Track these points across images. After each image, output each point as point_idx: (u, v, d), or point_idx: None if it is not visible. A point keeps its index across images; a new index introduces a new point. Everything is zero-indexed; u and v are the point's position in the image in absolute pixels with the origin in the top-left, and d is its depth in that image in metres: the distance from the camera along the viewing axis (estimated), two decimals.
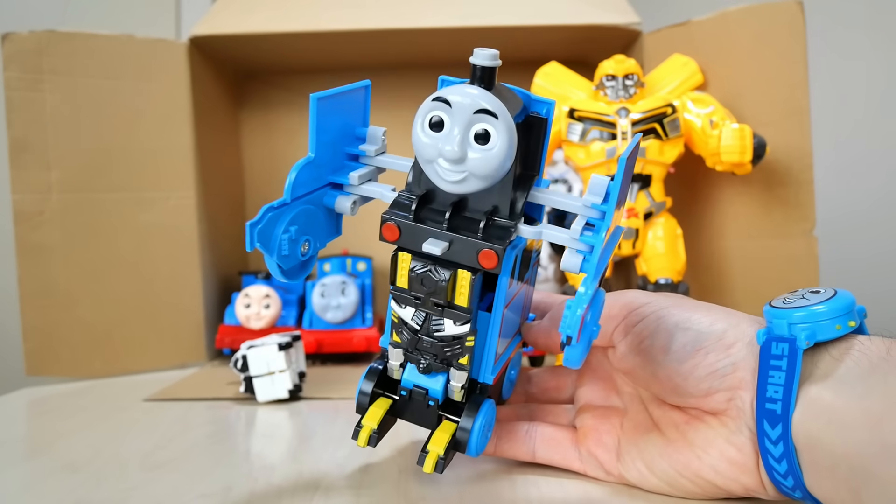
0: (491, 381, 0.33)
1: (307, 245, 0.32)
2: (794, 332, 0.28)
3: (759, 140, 0.57)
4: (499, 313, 0.32)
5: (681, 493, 0.31)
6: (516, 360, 0.39)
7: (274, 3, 0.73)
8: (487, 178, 0.30)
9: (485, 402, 0.33)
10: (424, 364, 0.33)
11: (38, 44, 0.64)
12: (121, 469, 0.38)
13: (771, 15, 0.61)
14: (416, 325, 0.32)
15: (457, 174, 0.30)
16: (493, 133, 0.29)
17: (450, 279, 0.30)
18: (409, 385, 0.34)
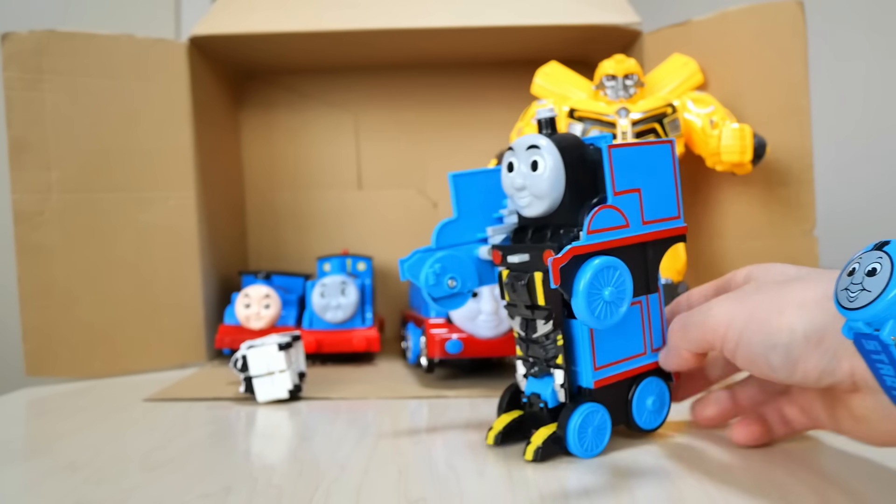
0: (591, 384, 0.37)
1: (454, 281, 0.40)
2: (875, 327, 0.27)
3: (760, 140, 0.57)
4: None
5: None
6: (656, 389, 0.40)
7: (274, 3, 0.73)
8: (544, 196, 0.37)
9: (584, 404, 0.37)
10: (535, 369, 0.39)
11: (38, 44, 0.64)
12: (121, 469, 0.38)
13: (771, 15, 0.61)
14: (521, 331, 0.39)
15: (524, 198, 0.38)
16: (541, 160, 0.37)
17: (527, 282, 0.37)
18: (529, 393, 0.40)
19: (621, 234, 0.37)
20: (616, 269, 0.36)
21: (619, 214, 0.37)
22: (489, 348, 0.55)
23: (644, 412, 0.40)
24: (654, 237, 0.38)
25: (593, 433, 0.37)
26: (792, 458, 0.37)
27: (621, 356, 0.38)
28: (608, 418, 0.38)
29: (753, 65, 0.62)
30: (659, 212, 0.38)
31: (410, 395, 0.55)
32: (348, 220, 0.89)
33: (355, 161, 0.90)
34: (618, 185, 0.37)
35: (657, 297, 0.40)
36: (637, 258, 0.38)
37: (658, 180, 0.38)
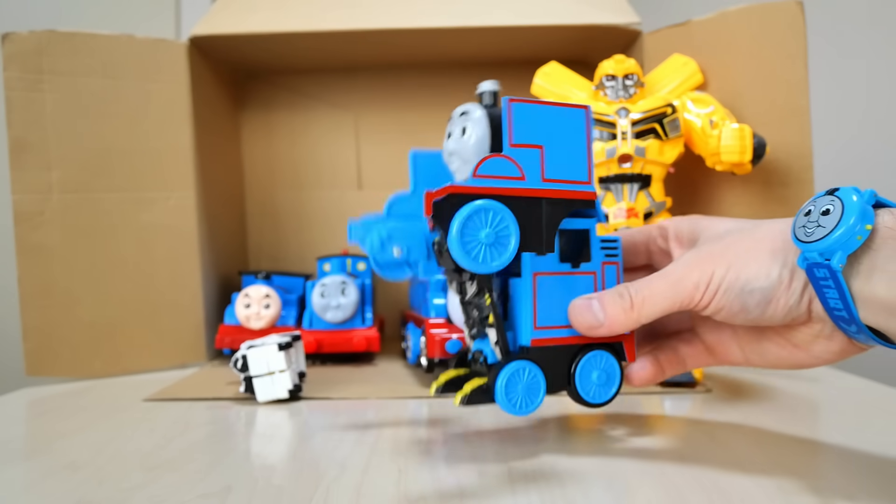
0: (528, 342, 0.38)
1: (399, 250, 0.39)
2: (826, 257, 0.31)
3: (759, 140, 0.57)
4: (527, 280, 0.38)
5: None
6: (605, 363, 0.40)
7: (274, 3, 0.73)
8: (470, 160, 0.38)
9: (516, 361, 0.37)
10: (474, 330, 0.39)
11: (39, 44, 0.64)
12: (121, 469, 0.38)
13: (771, 15, 0.61)
14: (457, 294, 0.39)
15: (454, 163, 0.40)
16: (469, 126, 0.39)
17: (440, 244, 0.37)
18: (473, 350, 0.40)
19: (513, 185, 0.37)
20: (493, 212, 0.36)
21: (514, 166, 0.37)
22: None
23: (590, 385, 0.39)
24: (552, 195, 0.38)
25: (524, 390, 0.37)
26: (792, 459, 0.37)
27: (566, 322, 0.39)
28: (542, 379, 0.38)
29: (753, 65, 0.62)
30: (563, 173, 0.38)
31: (410, 395, 0.55)
32: (348, 219, 0.89)
33: (355, 161, 0.90)
34: (516, 137, 0.37)
35: (615, 270, 0.40)
36: (533, 213, 0.38)
37: (566, 142, 0.38)
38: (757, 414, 0.47)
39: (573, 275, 0.39)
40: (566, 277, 0.39)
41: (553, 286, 0.38)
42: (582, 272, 0.39)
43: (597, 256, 0.40)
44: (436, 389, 0.40)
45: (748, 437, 0.41)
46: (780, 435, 0.42)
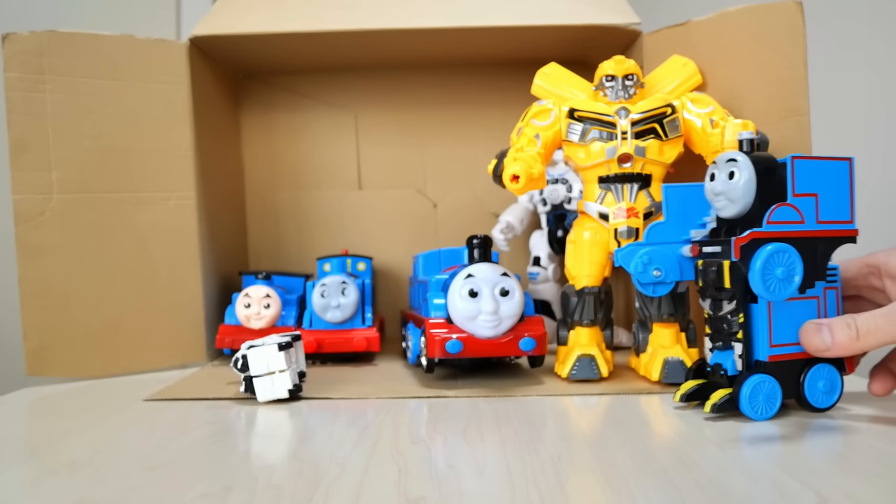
0: (766, 357, 0.44)
1: (658, 271, 0.49)
2: None
3: (762, 137, 0.57)
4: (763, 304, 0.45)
5: None
6: (828, 375, 0.46)
7: (274, 4, 0.73)
8: (737, 200, 0.45)
9: (756, 374, 0.44)
10: (719, 343, 0.47)
11: (39, 44, 0.64)
12: (121, 469, 0.38)
13: (770, 15, 0.61)
14: (710, 311, 0.47)
15: (721, 202, 0.46)
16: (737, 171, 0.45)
17: (717, 268, 0.45)
18: (713, 363, 0.48)
19: (796, 228, 0.45)
20: (787, 253, 0.43)
21: (796, 212, 0.45)
22: (489, 348, 0.55)
23: (816, 393, 0.46)
24: (825, 234, 0.46)
25: (764, 399, 0.44)
26: (792, 458, 0.37)
27: (796, 340, 0.45)
28: (779, 390, 0.45)
29: (753, 65, 0.62)
30: (833, 215, 0.46)
31: (410, 395, 0.55)
32: (348, 220, 0.89)
33: (355, 161, 0.90)
34: (797, 188, 0.45)
35: (835, 294, 0.47)
36: (810, 251, 0.45)
37: (835, 189, 0.46)
38: None
39: (801, 299, 0.45)
40: (795, 302, 0.45)
41: (785, 309, 0.45)
42: (808, 297, 0.46)
43: (820, 283, 0.46)
44: (680, 397, 0.47)
45: (748, 438, 0.41)
46: (780, 435, 0.42)
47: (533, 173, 0.54)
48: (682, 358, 0.55)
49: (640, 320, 0.61)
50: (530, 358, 0.58)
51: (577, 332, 0.60)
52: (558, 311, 0.74)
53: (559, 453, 0.39)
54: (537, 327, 0.56)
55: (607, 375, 0.58)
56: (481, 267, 0.56)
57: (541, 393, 0.54)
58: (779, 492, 0.32)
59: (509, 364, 0.66)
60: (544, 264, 0.76)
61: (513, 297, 0.55)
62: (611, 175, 0.59)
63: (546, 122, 0.60)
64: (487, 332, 0.55)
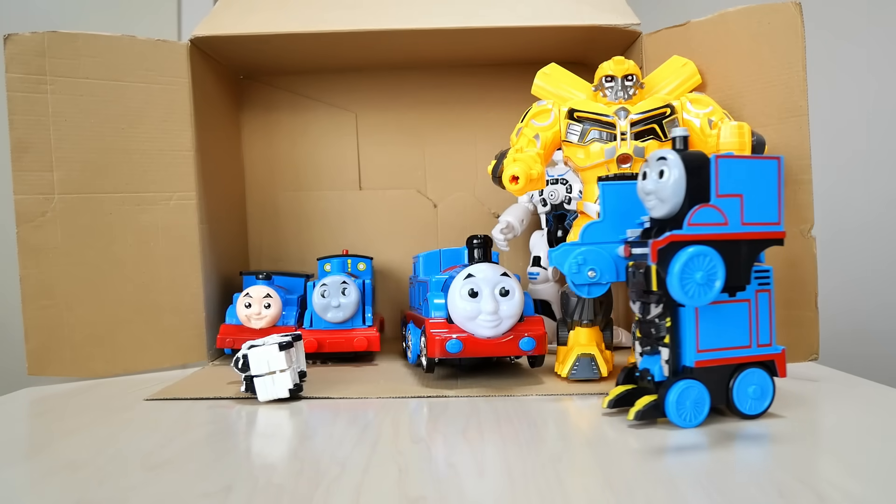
0: (692, 363, 0.43)
1: (593, 272, 0.47)
2: None
3: (758, 138, 0.57)
4: (690, 308, 0.43)
5: None
6: (759, 380, 0.45)
7: (274, 4, 0.73)
8: (667, 200, 0.43)
9: (683, 380, 0.43)
10: (647, 347, 0.45)
11: (40, 45, 0.65)
12: (122, 468, 0.38)
13: (769, 16, 0.61)
14: (639, 313, 0.46)
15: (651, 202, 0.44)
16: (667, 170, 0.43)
17: (645, 270, 0.44)
18: (641, 368, 0.46)
19: (719, 230, 0.43)
20: (707, 257, 0.41)
21: (719, 213, 0.43)
22: (489, 348, 0.56)
23: (746, 398, 0.45)
24: (750, 237, 0.44)
25: (692, 406, 0.43)
26: (789, 456, 0.37)
27: (724, 345, 0.44)
28: (707, 395, 0.43)
29: (752, 66, 0.62)
30: (759, 216, 0.44)
31: (410, 394, 0.55)
32: (349, 220, 0.89)
33: (356, 161, 0.90)
34: (721, 188, 0.43)
35: (768, 297, 0.45)
36: (733, 254, 0.43)
37: (761, 189, 0.44)
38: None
39: (730, 303, 0.44)
40: (724, 305, 0.44)
41: (713, 313, 0.44)
42: (738, 300, 0.44)
43: (751, 285, 0.44)
44: (608, 403, 0.46)
45: (748, 437, 0.41)
46: (780, 435, 0.42)
47: (532, 174, 0.54)
48: None
49: None
50: (530, 358, 0.58)
51: (577, 332, 0.60)
52: (558, 311, 0.74)
53: (559, 453, 0.39)
54: (537, 327, 0.56)
55: (607, 375, 0.58)
56: (481, 267, 0.56)
57: (541, 393, 0.54)
58: (779, 491, 0.32)
59: (509, 364, 0.66)
60: (544, 264, 0.76)
61: (513, 297, 0.55)
62: (610, 175, 0.59)
63: (546, 123, 0.60)
64: (487, 332, 0.55)
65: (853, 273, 1.13)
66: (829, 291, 0.71)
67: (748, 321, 0.45)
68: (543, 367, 0.61)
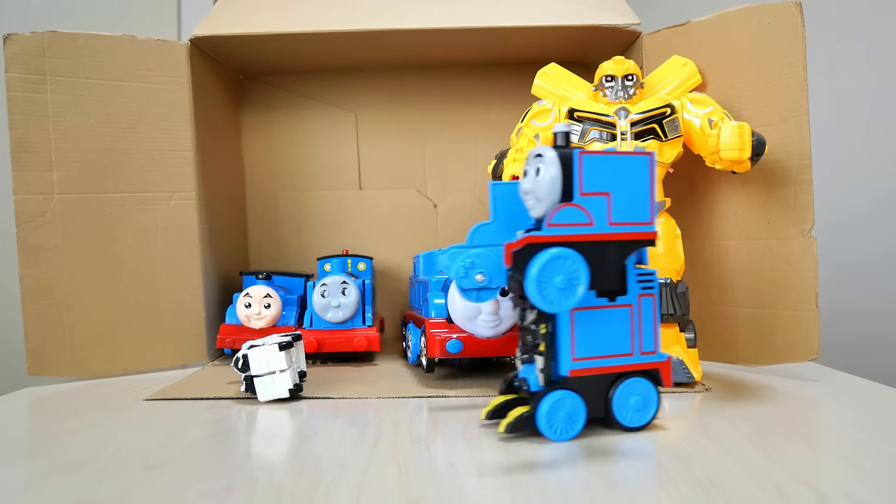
0: (566, 373, 0.41)
1: (482, 276, 0.43)
2: None
3: (759, 138, 0.57)
4: (565, 315, 0.41)
5: None
6: (641, 390, 0.43)
7: (274, 4, 0.73)
8: (543, 199, 0.41)
9: (557, 390, 0.41)
10: (525, 355, 0.43)
11: (40, 45, 0.65)
12: (121, 468, 0.38)
13: (770, 16, 0.61)
14: (518, 320, 0.44)
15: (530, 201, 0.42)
16: (543, 168, 0.41)
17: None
18: (520, 377, 0.44)
19: (583, 231, 0.40)
20: (568, 259, 0.39)
21: (583, 213, 0.40)
22: (489, 348, 0.56)
23: (626, 410, 0.42)
24: (618, 237, 0.41)
25: (564, 418, 0.41)
26: (792, 459, 0.37)
27: (603, 353, 0.41)
28: (582, 407, 0.41)
29: (752, 66, 0.62)
30: (628, 216, 0.41)
31: (410, 394, 0.55)
32: (349, 220, 0.89)
33: (356, 161, 0.90)
34: (585, 186, 0.40)
35: (652, 302, 0.42)
36: (599, 256, 0.40)
37: (631, 187, 0.41)
38: (756, 414, 0.47)
39: (610, 308, 0.42)
40: (603, 311, 0.41)
41: (591, 320, 0.41)
42: (618, 305, 0.42)
43: (633, 290, 0.42)
44: (486, 414, 0.44)
45: (748, 437, 0.41)
46: (780, 435, 0.42)
47: None
48: (682, 357, 0.56)
49: None
50: None
51: None
52: None
53: (559, 453, 0.39)
54: None
55: None
56: None
57: None
58: (779, 491, 0.32)
59: (509, 364, 0.66)
60: None
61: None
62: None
63: (546, 123, 0.60)
64: (487, 332, 0.55)
65: (853, 273, 1.13)
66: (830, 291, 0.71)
67: (630, 328, 0.42)
68: None
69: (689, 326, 0.59)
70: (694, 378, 0.55)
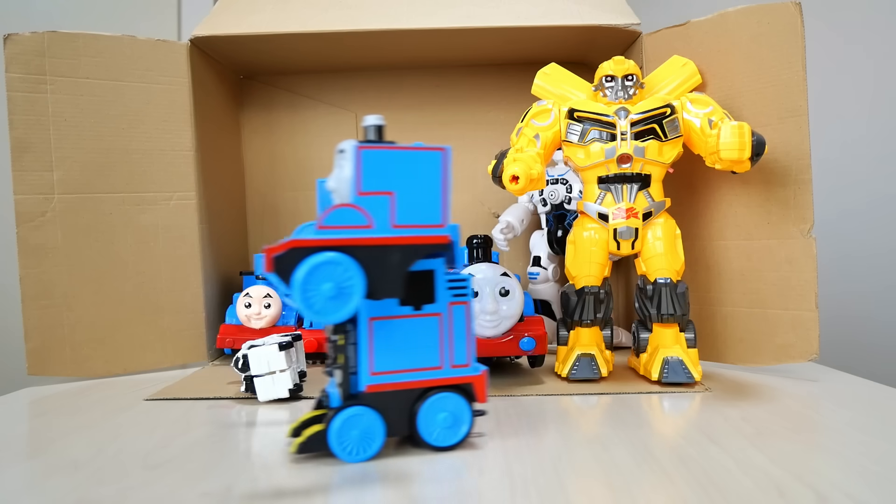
0: (362, 388, 0.38)
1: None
2: None
3: (758, 138, 0.57)
4: (362, 325, 0.38)
5: None
6: (451, 406, 0.39)
7: (274, 4, 0.73)
8: (345, 198, 0.38)
9: (351, 407, 0.38)
10: (329, 369, 0.40)
11: (41, 45, 0.65)
12: (121, 468, 0.38)
13: (769, 16, 0.61)
14: (327, 331, 0.39)
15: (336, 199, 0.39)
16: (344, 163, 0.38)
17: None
18: (326, 392, 0.41)
19: (360, 234, 0.36)
20: (339, 266, 0.35)
21: (361, 214, 0.37)
22: (489, 348, 0.56)
23: (434, 427, 0.39)
24: (403, 241, 0.37)
25: (359, 437, 0.38)
26: (792, 459, 0.37)
27: (407, 366, 0.39)
28: (380, 425, 0.38)
29: (752, 65, 0.62)
30: (416, 217, 0.38)
31: None
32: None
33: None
34: (365, 185, 0.37)
35: (465, 310, 0.40)
36: (379, 261, 0.37)
37: (420, 186, 0.38)
38: (756, 414, 0.47)
39: (415, 317, 0.38)
40: (407, 321, 0.38)
41: (392, 330, 0.38)
42: (425, 314, 0.39)
43: (443, 297, 0.39)
44: (291, 432, 0.40)
45: (748, 437, 0.41)
46: (780, 435, 0.42)
47: (532, 174, 0.54)
48: (682, 358, 0.56)
49: (640, 320, 0.61)
50: (530, 358, 0.58)
51: (577, 332, 0.60)
52: (558, 311, 0.74)
53: (559, 453, 0.39)
54: (537, 327, 0.56)
55: (607, 375, 0.58)
56: (481, 267, 0.56)
57: (541, 393, 0.54)
58: (779, 491, 0.32)
59: (509, 364, 0.66)
60: (544, 264, 0.76)
61: (513, 297, 0.55)
62: (610, 175, 0.59)
63: (546, 123, 0.60)
64: (487, 331, 0.55)
65: (853, 273, 1.13)
66: (829, 291, 0.71)
67: (439, 339, 0.39)
68: (543, 367, 0.61)
69: (689, 326, 0.59)
70: (694, 378, 0.55)
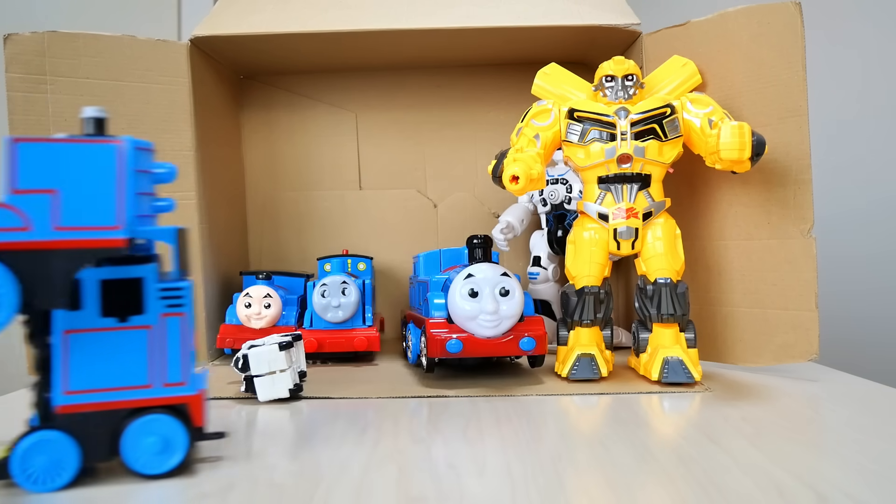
0: (57, 403, 0.35)
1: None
2: None
3: (758, 138, 0.57)
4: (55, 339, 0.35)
5: None
6: (162, 430, 0.36)
7: (275, 4, 0.73)
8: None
9: (37, 431, 0.34)
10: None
11: (40, 45, 0.65)
12: (121, 468, 0.38)
13: (769, 16, 0.61)
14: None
15: None
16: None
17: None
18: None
19: (15, 237, 0.33)
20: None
21: (17, 214, 0.33)
22: (489, 348, 0.56)
23: (140, 453, 0.36)
24: (67, 245, 0.34)
25: (46, 464, 0.34)
26: (792, 459, 0.37)
27: (109, 385, 0.36)
28: (74, 450, 0.35)
29: (752, 65, 0.62)
30: (85, 219, 0.34)
31: (410, 394, 0.55)
32: (349, 220, 0.89)
33: (356, 161, 0.90)
34: (23, 182, 0.34)
35: (181, 322, 0.37)
36: (40, 268, 0.34)
37: (90, 184, 0.35)
38: (756, 414, 0.47)
39: (119, 330, 0.36)
40: (110, 334, 0.35)
41: (92, 344, 0.35)
42: (132, 327, 0.36)
43: (154, 308, 0.36)
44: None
45: (748, 437, 0.41)
46: (780, 435, 0.42)
47: (532, 174, 0.54)
48: (682, 358, 0.56)
49: (640, 320, 0.61)
50: (530, 358, 0.58)
51: (577, 332, 0.60)
52: (558, 311, 0.74)
53: (559, 453, 0.39)
54: (537, 327, 0.56)
55: (607, 375, 0.58)
56: (481, 267, 0.56)
57: (541, 393, 0.54)
58: (779, 491, 0.32)
59: (509, 364, 0.66)
60: (544, 264, 0.76)
61: (513, 297, 0.55)
62: (610, 175, 0.59)
63: (546, 123, 0.60)
64: (487, 331, 0.55)
65: (853, 273, 1.13)
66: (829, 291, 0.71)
67: (148, 354, 0.36)
68: (543, 367, 0.61)
69: (689, 326, 0.59)
70: (694, 378, 0.55)
